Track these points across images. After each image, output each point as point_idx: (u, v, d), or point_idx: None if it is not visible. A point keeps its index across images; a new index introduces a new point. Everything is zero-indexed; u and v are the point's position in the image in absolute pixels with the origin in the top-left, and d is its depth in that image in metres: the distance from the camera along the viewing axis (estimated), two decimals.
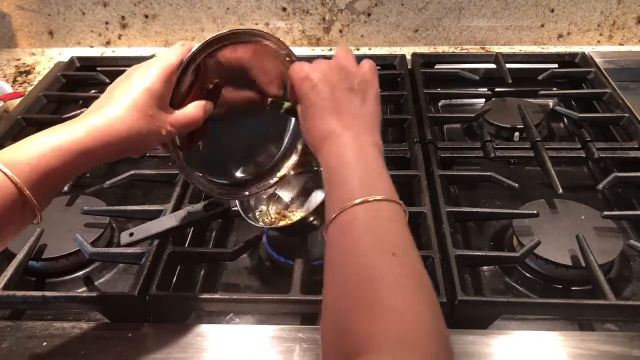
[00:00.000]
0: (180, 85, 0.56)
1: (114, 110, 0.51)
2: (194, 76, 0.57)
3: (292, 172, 0.70)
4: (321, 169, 0.54)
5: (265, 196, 0.77)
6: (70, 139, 0.49)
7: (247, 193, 0.68)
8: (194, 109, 0.57)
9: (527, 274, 0.74)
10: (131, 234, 0.71)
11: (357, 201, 0.48)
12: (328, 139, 0.54)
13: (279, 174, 0.69)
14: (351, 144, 0.53)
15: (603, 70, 1.11)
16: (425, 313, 0.41)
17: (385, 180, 0.52)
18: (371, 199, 0.48)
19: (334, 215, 0.48)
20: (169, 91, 0.55)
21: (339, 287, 0.45)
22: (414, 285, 0.43)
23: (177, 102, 0.56)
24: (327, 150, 0.54)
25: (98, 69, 1.17)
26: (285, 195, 0.78)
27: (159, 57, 0.55)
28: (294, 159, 0.69)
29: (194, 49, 0.55)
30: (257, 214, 0.75)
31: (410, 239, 0.48)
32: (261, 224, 0.73)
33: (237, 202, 0.72)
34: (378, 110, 0.58)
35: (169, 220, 0.73)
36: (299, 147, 0.69)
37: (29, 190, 0.47)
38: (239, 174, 0.68)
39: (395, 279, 0.43)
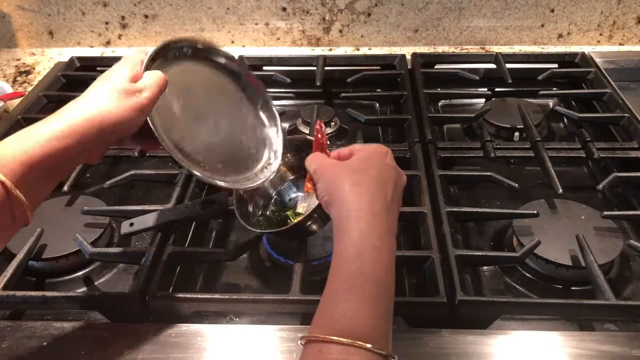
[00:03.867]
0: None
1: (97, 98, 0.55)
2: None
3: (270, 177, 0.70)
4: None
5: (262, 201, 0.77)
6: (69, 123, 0.53)
7: (222, 184, 0.65)
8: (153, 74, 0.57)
9: (527, 274, 0.74)
10: (131, 224, 0.72)
11: (343, 341, 0.43)
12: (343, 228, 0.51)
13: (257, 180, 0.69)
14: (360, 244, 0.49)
15: (603, 70, 1.11)
16: None
17: (385, 311, 0.46)
18: (357, 346, 0.43)
19: (313, 338, 0.44)
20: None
21: None
22: None
23: None
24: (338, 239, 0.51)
25: (98, 69, 1.17)
26: (284, 199, 0.78)
27: (124, 59, 0.57)
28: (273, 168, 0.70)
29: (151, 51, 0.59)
30: (255, 219, 0.74)
31: None
32: (259, 229, 0.72)
33: (235, 205, 0.71)
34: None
35: (168, 213, 0.74)
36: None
37: (18, 188, 0.47)
38: (219, 164, 0.66)
39: None
